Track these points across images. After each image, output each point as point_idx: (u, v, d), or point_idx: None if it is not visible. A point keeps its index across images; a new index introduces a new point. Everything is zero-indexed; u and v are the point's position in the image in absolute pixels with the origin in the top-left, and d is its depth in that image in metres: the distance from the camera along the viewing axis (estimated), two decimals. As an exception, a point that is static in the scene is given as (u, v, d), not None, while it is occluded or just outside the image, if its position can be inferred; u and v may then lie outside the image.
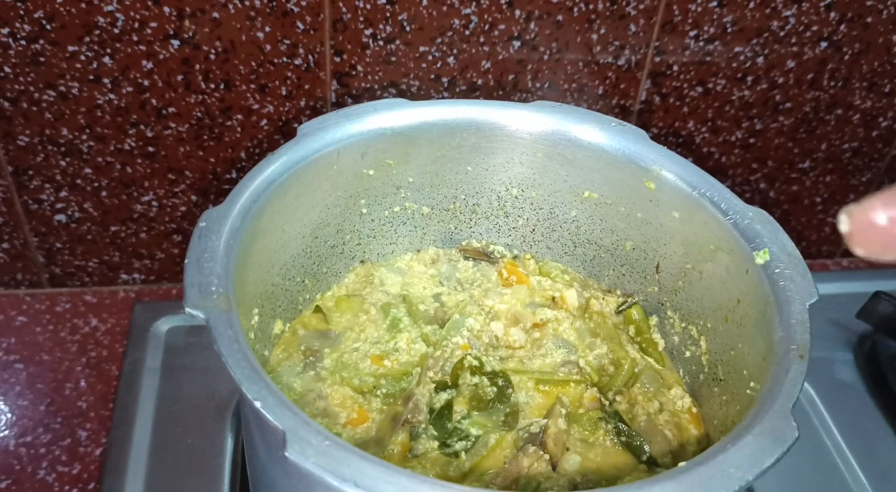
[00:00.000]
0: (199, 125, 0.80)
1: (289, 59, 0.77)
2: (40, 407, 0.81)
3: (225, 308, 0.50)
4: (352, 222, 0.69)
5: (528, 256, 0.75)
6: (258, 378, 0.47)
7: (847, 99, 0.89)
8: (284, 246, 0.64)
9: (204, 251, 0.53)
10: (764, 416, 0.49)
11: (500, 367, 0.65)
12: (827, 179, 0.97)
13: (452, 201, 0.72)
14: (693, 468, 0.45)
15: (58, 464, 0.77)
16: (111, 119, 0.78)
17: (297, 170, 0.60)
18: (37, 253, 0.87)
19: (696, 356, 0.66)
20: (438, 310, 0.69)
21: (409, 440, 0.59)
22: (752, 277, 0.59)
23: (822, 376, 0.84)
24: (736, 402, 0.60)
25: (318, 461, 0.43)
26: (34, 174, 0.81)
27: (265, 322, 0.63)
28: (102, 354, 0.85)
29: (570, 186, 0.70)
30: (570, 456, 0.60)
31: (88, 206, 0.84)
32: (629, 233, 0.69)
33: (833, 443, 0.79)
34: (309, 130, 0.62)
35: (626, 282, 0.72)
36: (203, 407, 0.75)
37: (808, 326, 0.55)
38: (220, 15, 0.73)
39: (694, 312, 0.66)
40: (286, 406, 0.45)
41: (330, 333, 0.66)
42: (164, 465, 0.71)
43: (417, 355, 0.64)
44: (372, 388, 0.62)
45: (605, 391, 0.65)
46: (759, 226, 0.60)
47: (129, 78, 0.75)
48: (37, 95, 0.75)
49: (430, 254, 0.74)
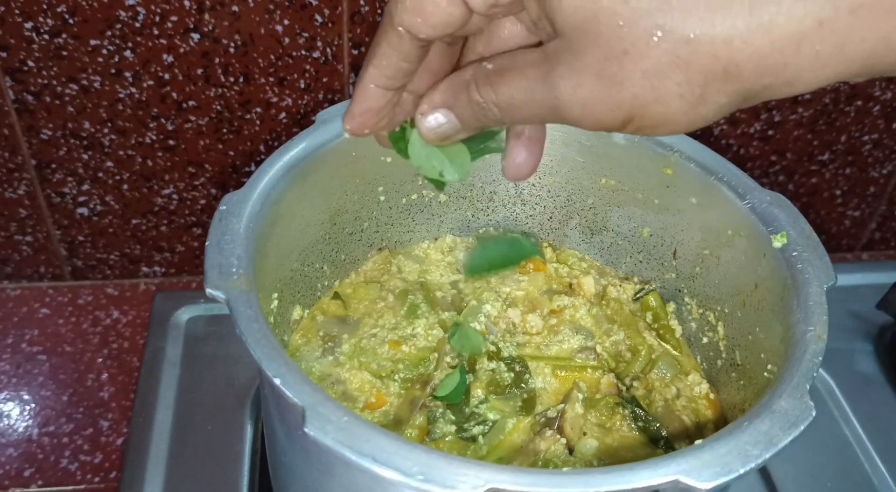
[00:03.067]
0: (219, 118, 0.80)
1: (307, 52, 0.78)
2: (63, 398, 0.82)
3: (245, 288, 0.50)
4: (370, 210, 0.69)
5: (546, 243, 0.75)
6: (278, 356, 0.47)
7: (867, 90, 0.88)
8: (303, 232, 0.64)
9: (224, 233, 0.53)
10: (780, 396, 0.48)
11: (517, 352, 0.65)
12: (846, 171, 0.96)
13: (469, 189, 0.73)
14: (709, 446, 0.45)
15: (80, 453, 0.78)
16: (132, 112, 0.79)
17: (315, 156, 0.61)
18: (59, 246, 0.88)
19: (713, 342, 0.66)
20: (455, 297, 0.69)
21: (426, 424, 0.59)
22: (770, 261, 0.59)
23: (841, 367, 0.83)
24: (753, 386, 0.59)
25: (338, 437, 0.43)
26: (57, 168, 0.82)
27: (284, 308, 0.64)
28: (124, 346, 0.86)
29: (587, 173, 0.70)
30: (587, 440, 0.60)
31: (110, 199, 0.85)
32: (646, 219, 0.70)
33: (853, 434, 0.78)
34: (328, 117, 0.62)
35: (644, 269, 0.72)
36: (223, 395, 0.76)
37: (825, 308, 0.54)
38: (240, 8, 0.74)
39: (711, 298, 0.66)
40: (305, 383, 0.46)
41: (348, 319, 0.67)
42: (185, 453, 0.71)
43: (435, 341, 0.65)
44: (390, 372, 0.62)
45: (622, 377, 0.65)
46: (777, 210, 0.60)
47: (149, 71, 0.76)
48: (59, 89, 0.77)
49: (447, 242, 0.74)
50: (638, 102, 0.35)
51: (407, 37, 0.40)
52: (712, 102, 0.35)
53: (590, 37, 0.35)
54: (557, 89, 0.37)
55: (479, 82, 0.40)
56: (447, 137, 0.44)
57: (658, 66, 0.34)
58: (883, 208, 1.01)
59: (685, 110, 0.35)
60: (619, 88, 0.35)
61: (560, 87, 0.37)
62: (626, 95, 0.35)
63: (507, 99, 0.39)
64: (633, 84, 0.35)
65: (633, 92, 0.35)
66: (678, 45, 0.33)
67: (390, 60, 0.41)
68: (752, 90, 0.35)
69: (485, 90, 0.40)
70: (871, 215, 1.02)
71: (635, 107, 0.36)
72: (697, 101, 0.35)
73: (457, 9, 0.38)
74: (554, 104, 0.37)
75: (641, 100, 0.35)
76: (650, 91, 0.35)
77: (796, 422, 0.47)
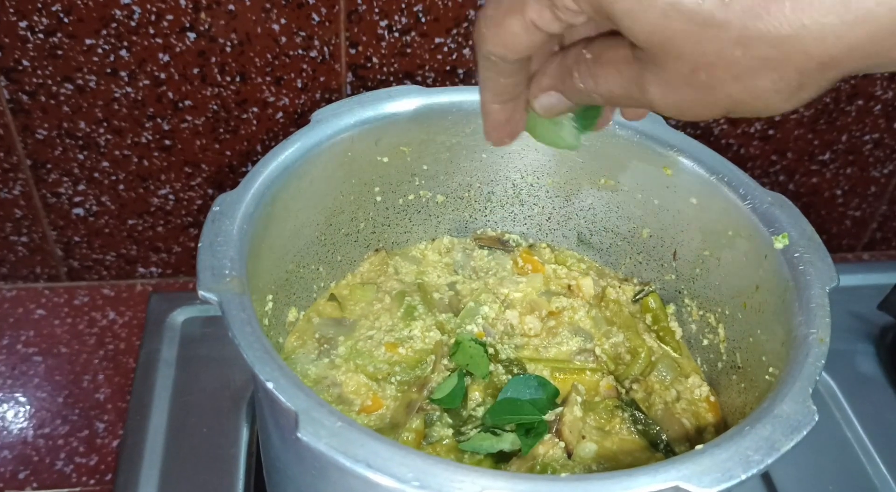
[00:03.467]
0: (215, 118, 0.80)
1: (304, 52, 0.77)
2: (58, 399, 0.81)
3: (238, 291, 0.50)
4: (366, 210, 0.68)
5: (544, 244, 0.74)
6: (270, 360, 0.46)
7: (868, 89, 0.88)
8: (298, 233, 0.63)
9: (217, 235, 0.53)
10: (782, 400, 0.48)
11: (515, 355, 0.64)
12: (847, 171, 0.95)
13: (467, 189, 0.72)
14: (709, 451, 0.45)
15: (75, 455, 0.77)
16: (128, 112, 0.78)
17: (310, 156, 0.60)
18: (55, 247, 0.87)
19: (714, 344, 0.66)
20: (453, 298, 0.68)
21: (423, 427, 0.59)
22: (771, 263, 0.58)
23: (843, 368, 0.83)
24: (754, 389, 0.59)
25: (331, 443, 0.43)
26: (52, 168, 0.81)
27: (279, 309, 0.63)
28: (120, 347, 0.85)
29: (586, 174, 0.70)
30: (586, 444, 0.59)
31: (106, 199, 0.84)
32: (646, 220, 0.69)
33: (854, 435, 0.78)
34: (323, 117, 0.62)
35: (643, 270, 0.71)
36: (218, 397, 0.75)
37: (827, 311, 0.54)
38: (236, 7, 0.73)
39: (712, 300, 0.66)
40: (299, 388, 0.45)
41: (344, 320, 0.66)
42: (180, 455, 0.71)
43: (432, 343, 0.64)
44: (386, 375, 0.62)
45: (621, 380, 0.65)
46: (778, 210, 0.60)
47: (145, 71, 0.76)
48: (55, 89, 0.76)
49: (444, 243, 0.73)
50: (733, 100, 0.35)
51: (500, 61, 0.41)
52: (813, 87, 0.35)
53: (671, 54, 0.35)
54: (649, 94, 0.37)
55: (581, 72, 0.41)
56: (560, 112, 0.45)
57: (748, 71, 0.34)
58: (884, 208, 1.00)
59: (785, 98, 0.35)
60: (712, 92, 0.35)
61: (651, 92, 0.37)
62: (720, 96, 0.35)
63: (606, 91, 0.40)
64: (726, 86, 0.35)
65: (726, 93, 0.35)
66: (766, 51, 0.33)
67: (496, 82, 0.43)
68: (857, 69, 0.34)
69: (587, 80, 0.41)
70: (872, 215, 1.01)
71: (731, 104, 0.36)
72: (796, 90, 0.35)
73: (535, 35, 0.39)
74: (648, 104, 0.38)
75: (737, 98, 0.35)
76: (744, 92, 0.35)
77: (798, 427, 0.46)
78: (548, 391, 0.61)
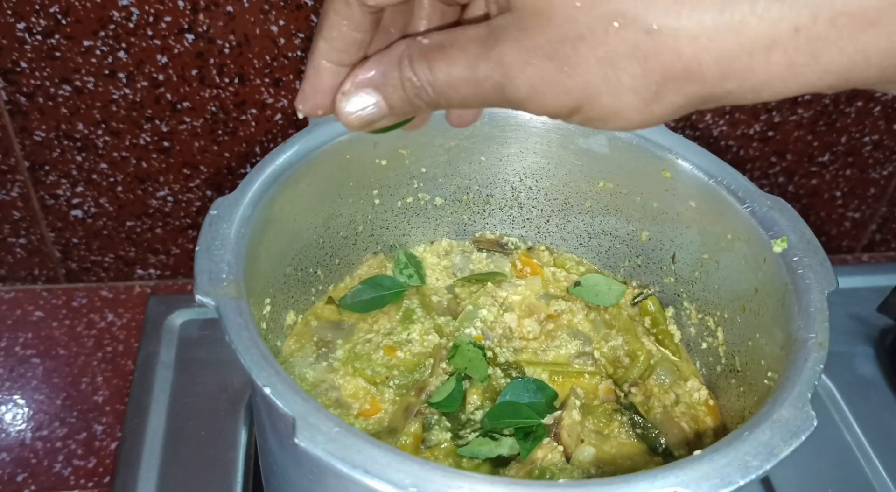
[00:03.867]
0: (214, 119, 0.80)
1: (303, 53, 0.77)
2: (56, 401, 0.81)
3: (235, 295, 0.49)
4: (364, 213, 0.68)
5: (543, 247, 0.74)
6: (268, 365, 0.46)
7: (867, 91, 0.88)
8: (296, 236, 0.63)
9: (214, 239, 0.52)
10: (781, 405, 0.48)
11: (513, 358, 0.64)
12: (847, 172, 0.95)
13: (466, 192, 0.72)
14: (708, 456, 0.45)
15: (73, 458, 0.77)
16: (126, 114, 0.78)
17: (309, 159, 0.60)
18: (53, 248, 0.87)
19: (712, 348, 0.65)
20: (451, 301, 0.68)
21: (421, 431, 0.59)
22: (770, 266, 0.58)
23: (842, 370, 0.83)
24: (753, 393, 0.59)
25: (328, 448, 0.43)
26: (50, 170, 0.81)
27: (277, 313, 0.63)
28: (118, 349, 0.85)
29: (584, 176, 0.69)
30: (585, 448, 0.59)
31: (104, 201, 0.84)
32: (645, 223, 0.69)
33: (853, 438, 0.78)
34: (321, 120, 0.61)
35: (642, 273, 0.71)
36: (216, 400, 0.75)
37: (827, 315, 0.54)
38: (235, 8, 0.73)
39: (711, 303, 0.66)
40: (296, 392, 0.45)
41: (343, 324, 0.66)
42: (178, 458, 0.71)
43: (430, 346, 0.64)
44: (385, 379, 0.62)
45: (620, 383, 0.64)
46: (777, 214, 0.60)
47: (143, 72, 0.76)
48: (52, 90, 0.76)
49: (443, 245, 0.73)
50: (588, 91, 0.33)
51: (355, 4, 0.37)
52: (668, 102, 0.33)
53: (543, 16, 0.32)
54: (504, 65, 0.34)
55: (414, 58, 0.36)
56: (371, 122, 0.39)
57: (614, 55, 0.32)
58: (883, 210, 1.00)
59: (638, 107, 0.33)
60: (571, 73, 0.33)
61: (506, 63, 0.34)
62: (576, 81, 0.33)
63: (444, 77, 0.36)
64: (586, 71, 0.33)
65: (584, 79, 0.33)
66: (638, 36, 0.31)
67: (340, 31, 0.37)
68: (713, 94, 0.32)
69: (419, 67, 0.36)
70: (872, 217, 1.01)
71: (585, 96, 0.33)
72: (652, 97, 0.33)
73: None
74: (499, 81, 0.34)
75: (592, 89, 0.33)
76: (603, 81, 0.33)
77: (797, 432, 0.46)
78: (546, 395, 0.61)
